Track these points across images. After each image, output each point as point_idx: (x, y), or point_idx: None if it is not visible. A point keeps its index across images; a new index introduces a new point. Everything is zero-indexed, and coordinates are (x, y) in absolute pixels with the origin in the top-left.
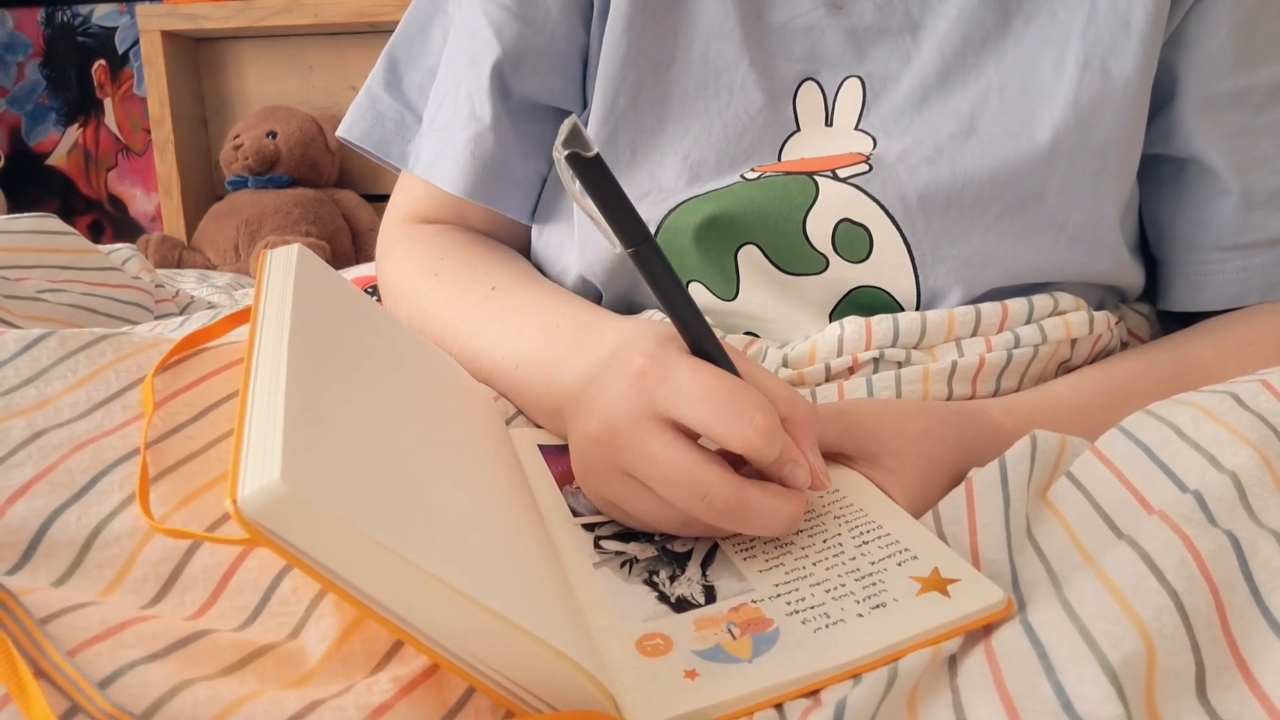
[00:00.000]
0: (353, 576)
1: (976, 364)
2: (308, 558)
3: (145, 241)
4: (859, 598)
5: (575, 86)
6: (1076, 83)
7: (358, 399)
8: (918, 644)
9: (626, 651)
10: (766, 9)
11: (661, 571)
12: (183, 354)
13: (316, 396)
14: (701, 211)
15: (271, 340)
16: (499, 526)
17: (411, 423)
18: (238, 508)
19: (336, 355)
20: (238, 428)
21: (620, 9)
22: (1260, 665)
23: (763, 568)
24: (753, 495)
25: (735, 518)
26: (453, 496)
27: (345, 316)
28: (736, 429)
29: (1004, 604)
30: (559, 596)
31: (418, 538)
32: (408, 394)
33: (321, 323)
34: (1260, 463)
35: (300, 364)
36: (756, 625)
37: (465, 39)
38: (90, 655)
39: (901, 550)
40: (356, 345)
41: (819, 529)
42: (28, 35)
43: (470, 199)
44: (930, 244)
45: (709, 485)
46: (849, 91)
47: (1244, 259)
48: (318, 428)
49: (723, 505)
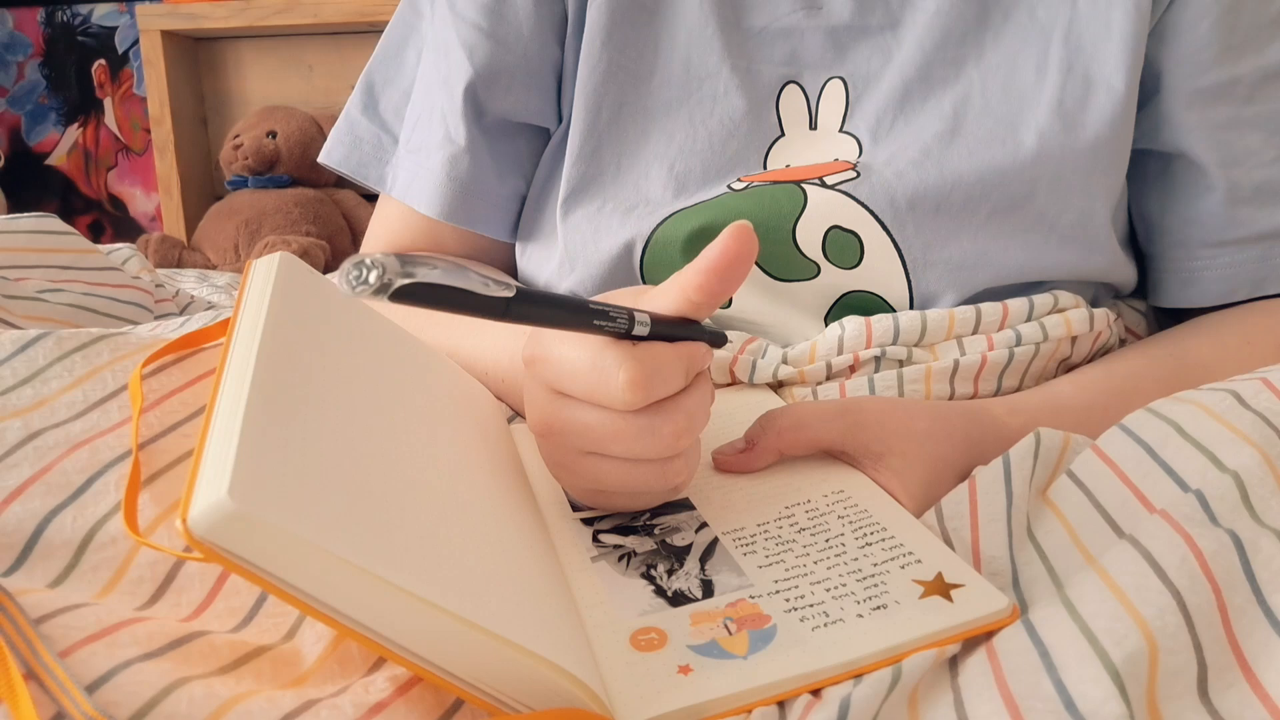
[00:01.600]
0: (314, 590)
1: (979, 363)
2: (267, 574)
3: (145, 241)
4: (859, 598)
5: (549, 103)
6: (1059, 88)
7: (327, 407)
8: (917, 648)
9: (620, 647)
10: (745, 14)
11: (660, 565)
12: (176, 353)
13: (279, 408)
14: (690, 224)
15: (241, 352)
16: (488, 527)
17: (391, 428)
18: (187, 528)
19: (309, 364)
20: (198, 444)
21: (597, 23)
22: (1262, 665)
23: (763, 564)
24: (687, 400)
25: (648, 388)
26: (432, 501)
27: (327, 324)
28: (606, 393)
29: (1008, 611)
30: (550, 595)
31: (379, 546)
32: (392, 399)
33: (296, 331)
34: (1262, 462)
35: (266, 376)
36: (754, 621)
37: (439, 59)
38: (84, 655)
39: (906, 553)
40: (335, 352)
41: (822, 528)
42: (28, 35)
43: (448, 221)
44: (921, 247)
45: (613, 367)
46: (832, 93)
47: (1231, 255)
48: (274, 441)
49: (645, 385)
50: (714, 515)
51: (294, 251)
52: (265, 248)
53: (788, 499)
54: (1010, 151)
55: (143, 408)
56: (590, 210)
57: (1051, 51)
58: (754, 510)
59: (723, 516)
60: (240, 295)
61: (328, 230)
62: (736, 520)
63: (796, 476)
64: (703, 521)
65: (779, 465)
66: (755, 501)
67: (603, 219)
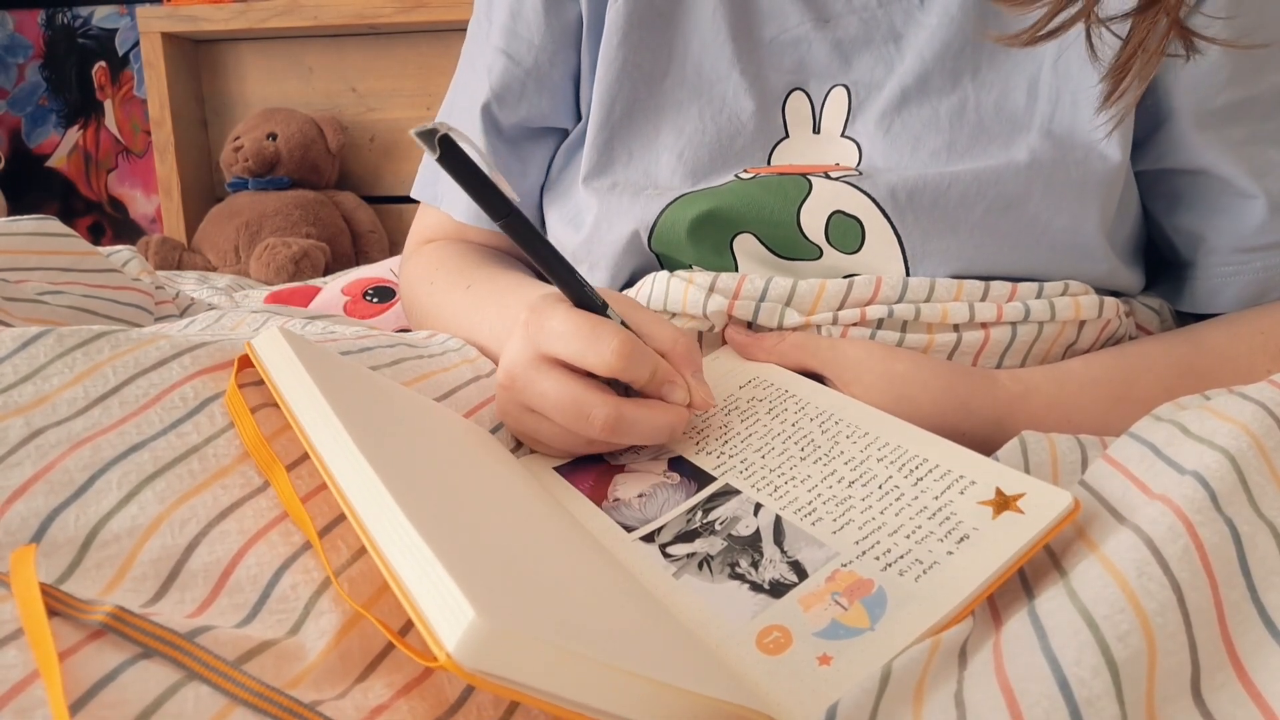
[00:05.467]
0: (558, 689)
1: (981, 340)
2: (522, 686)
3: (145, 243)
4: (940, 536)
5: (565, 106)
6: (1049, 118)
7: (458, 496)
8: (1014, 565)
9: (752, 657)
10: (756, 24)
11: (741, 561)
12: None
13: (435, 513)
14: (697, 206)
15: (334, 452)
16: (600, 579)
17: (487, 499)
18: (455, 662)
19: (402, 451)
20: (378, 561)
21: (614, 25)
22: (1255, 664)
23: (834, 529)
24: (628, 409)
25: (618, 430)
26: (561, 562)
27: (367, 400)
28: (596, 354)
29: (1073, 504)
30: (673, 632)
31: (587, 632)
32: (458, 466)
33: (362, 416)
34: (1251, 444)
35: (395, 482)
36: (860, 589)
37: (465, 74)
38: (91, 651)
39: (957, 478)
40: (399, 430)
41: (869, 474)
42: (28, 37)
43: (476, 224)
44: (920, 236)
45: (590, 406)
46: (835, 99)
47: (1264, 259)
48: (464, 549)
49: (603, 421)
50: (755, 487)
51: (294, 253)
52: (265, 249)
53: (798, 439)
54: (1003, 163)
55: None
56: (601, 189)
57: (1042, 78)
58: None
59: (764, 487)
60: (263, 373)
61: (328, 232)
62: (787, 492)
63: (790, 411)
64: (756, 503)
65: (772, 410)
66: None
67: (613, 199)
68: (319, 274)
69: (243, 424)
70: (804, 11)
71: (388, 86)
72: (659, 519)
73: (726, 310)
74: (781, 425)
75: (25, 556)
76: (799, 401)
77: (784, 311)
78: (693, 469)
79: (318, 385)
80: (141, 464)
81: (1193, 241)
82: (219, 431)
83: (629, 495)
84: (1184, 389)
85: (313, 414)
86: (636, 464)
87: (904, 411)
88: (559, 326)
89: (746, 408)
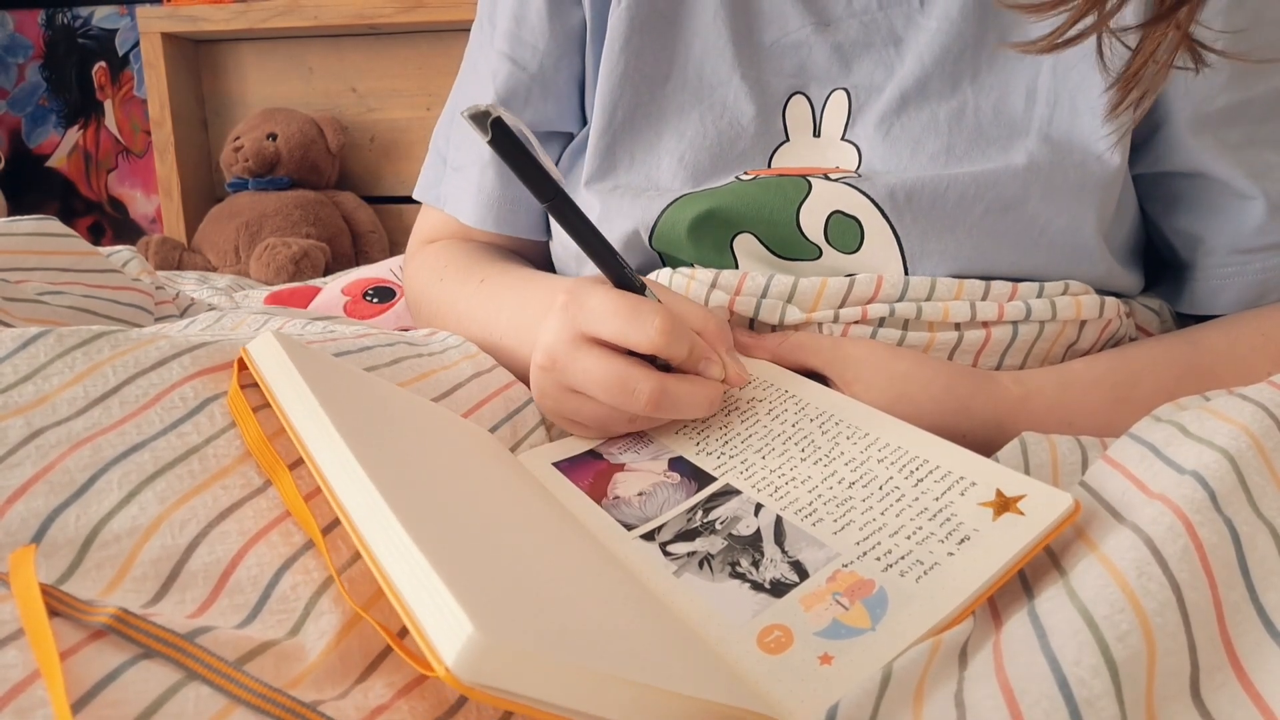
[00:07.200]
0: (563, 700)
1: (982, 339)
2: (521, 697)
3: (145, 243)
4: (941, 537)
5: (571, 110)
6: (1047, 122)
7: (457, 505)
8: (1014, 567)
9: (753, 656)
10: (757, 28)
11: (742, 560)
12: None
13: (433, 524)
14: (698, 206)
15: (328, 457)
16: (599, 582)
17: (485, 503)
18: (453, 675)
19: (398, 457)
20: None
21: (617, 30)
22: (1254, 664)
23: (835, 529)
24: (671, 383)
25: (662, 405)
26: (558, 567)
27: (363, 404)
28: (640, 331)
29: (1074, 506)
30: (673, 634)
31: (584, 642)
32: (455, 470)
33: (362, 426)
34: (1250, 444)
35: (392, 493)
36: (860, 590)
37: (469, 81)
38: (91, 651)
39: (957, 479)
40: (395, 434)
41: (869, 475)
42: (28, 37)
43: (482, 228)
44: (919, 236)
45: (635, 381)
46: (835, 103)
47: (1263, 260)
48: (461, 560)
49: (649, 396)
50: (755, 488)
51: (294, 253)
52: (265, 249)
53: (798, 440)
54: (1001, 165)
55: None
56: (603, 192)
57: (1040, 82)
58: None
59: (765, 488)
60: (258, 376)
61: (328, 232)
62: (787, 492)
63: (790, 411)
64: (756, 503)
65: (773, 411)
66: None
67: (614, 199)
68: (319, 274)
69: (245, 425)
70: (805, 15)
71: (388, 86)
72: (659, 518)
73: (728, 306)
74: (782, 426)
75: (25, 557)
76: (799, 402)
77: (785, 308)
78: (693, 469)
79: (313, 392)
80: (142, 464)
81: (1191, 243)
82: (219, 432)
83: (629, 493)
84: (1185, 390)
85: (308, 422)
86: (636, 463)
87: (904, 411)
88: (601, 306)
89: (747, 408)
